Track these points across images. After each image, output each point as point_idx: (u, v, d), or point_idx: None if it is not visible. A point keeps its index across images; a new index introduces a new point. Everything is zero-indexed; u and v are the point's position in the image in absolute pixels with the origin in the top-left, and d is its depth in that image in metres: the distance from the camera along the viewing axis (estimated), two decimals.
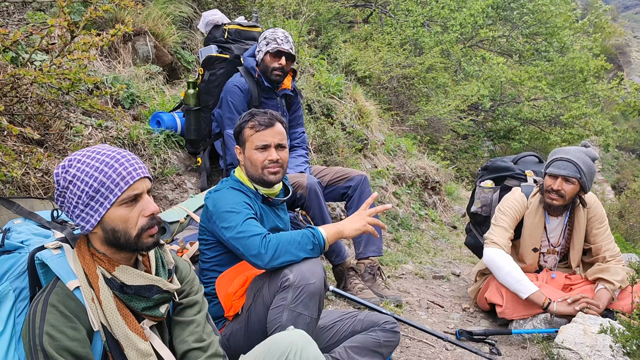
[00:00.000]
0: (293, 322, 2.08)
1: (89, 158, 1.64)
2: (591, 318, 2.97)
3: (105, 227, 1.64)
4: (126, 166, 1.63)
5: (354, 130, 6.35)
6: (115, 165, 1.62)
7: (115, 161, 1.63)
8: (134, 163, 1.66)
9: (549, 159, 3.44)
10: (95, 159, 1.64)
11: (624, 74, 16.87)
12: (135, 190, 1.64)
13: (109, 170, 1.61)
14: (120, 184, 1.62)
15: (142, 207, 1.66)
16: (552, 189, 3.32)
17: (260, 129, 2.44)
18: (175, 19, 5.22)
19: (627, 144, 22.70)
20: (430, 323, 3.53)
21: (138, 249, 1.68)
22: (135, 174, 1.64)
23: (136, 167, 1.66)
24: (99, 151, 1.66)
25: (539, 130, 14.15)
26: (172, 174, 3.86)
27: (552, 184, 3.32)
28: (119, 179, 1.61)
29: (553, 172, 3.31)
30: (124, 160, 1.64)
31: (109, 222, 1.64)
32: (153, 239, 1.69)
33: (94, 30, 2.52)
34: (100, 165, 1.62)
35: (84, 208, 1.63)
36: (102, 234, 1.66)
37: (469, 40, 13.33)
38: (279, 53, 3.59)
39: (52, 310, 1.57)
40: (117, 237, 1.65)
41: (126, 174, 1.63)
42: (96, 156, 1.64)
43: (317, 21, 8.82)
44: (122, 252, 1.69)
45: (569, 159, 3.28)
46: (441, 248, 5.97)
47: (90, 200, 1.62)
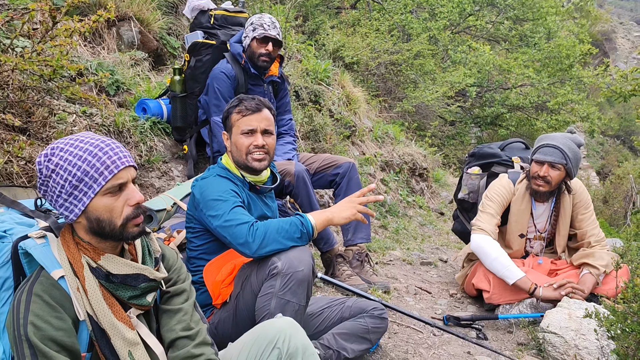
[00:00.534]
0: (281, 309, 2.08)
1: (72, 147, 1.61)
2: (576, 302, 3.01)
3: (90, 216, 1.62)
4: (110, 155, 1.61)
5: (342, 117, 6.33)
6: (99, 154, 1.60)
7: (99, 150, 1.60)
8: (118, 152, 1.63)
9: (535, 145, 3.45)
10: (78, 147, 1.60)
11: (610, 61, 16.98)
12: (119, 180, 1.61)
13: (92, 159, 1.59)
14: (104, 173, 1.59)
15: (127, 196, 1.63)
16: (539, 175, 3.34)
17: (247, 114, 2.42)
18: (160, 3, 5.14)
19: (611, 130, 22.91)
20: (418, 309, 3.55)
21: (123, 238, 1.66)
22: (120, 163, 1.61)
23: (120, 155, 1.63)
24: (82, 139, 1.63)
25: (525, 116, 14.23)
26: (159, 161, 3.82)
27: (539, 170, 3.34)
28: (103, 168, 1.59)
29: (539, 159, 3.33)
30: (108, 149, 1.61)
31: (93, 211, 1.61)
32: (138, 229, 1.67)
33: (76, 16, 2.47)
34: (84, 154, 1.59)
35: (68, 197, 1.61)
36: (87, 223, 1.63)
37: (456, 27, 13.32)
38: (265, 39, 3.55)
39: (36, 300, 1.56)
40: (101, 226, 1.62)
41: (110, 162, 1.60)
42: (79, 144, 1.61)
43: (304, 7, 8.74)
44: (107, 241, 1.67)
45: (555, 145, 3.30)
46: (428, 234, 6.00)
47: (73, 190, 1.59)
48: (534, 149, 3.43)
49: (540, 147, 3.36)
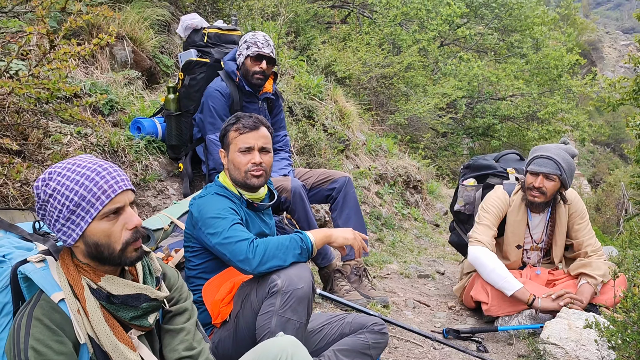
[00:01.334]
0: (282, 327, 2.07)
1: (69, 171, 1.60)
2: (575, 313, 3.02)
3: (88, 241, 1.61)
4: (107, 179, 1.60)
5: (336, 131, 6.36)
6: (96, 178, 1.59)
7: (96, 174, 1.60)
8: (115, 175, 1.62)
9: (529, 156, 3.48)
10: (75, 171, 1.60)
11: (598, 70, 17.18)
12: (117, 204, 1.61)
13: (89, 183, 1.58)
14: (101, 198, 1.58)
15: (125, 220, 1.62)
16: (534, 186, 3.36)
17: (245, 132, 2.43)
18: (153, 23, 5.16)
19: (602, 138, 23.12)
20: (417, 323, 3.55)
21: (122, 263, 1.65)
22: (117, 187, 1.61)
23: (118, 179, 1.62)
24: (79, 164, 1.63)
25: (516, 126, 14.35)
26: (154, 180, 3.82)
27: (534, 182, 3.37)
28: (100, 193, 1.58)
29: (534, 170, 3.36)
30: (105, 173, 1.61)
31: (91, 236, 1.61)
32: (137, 253, 1.66)
33: (73, 39, 2.48)
34: (81, 178, 1.59)
35: (65, 222, 1.60)
36: (85, 248, 1.63)
37: (445, 39, 13.46)
38: (259, 57, 3.57)
39: (37, 324, 1.54)
40: (100, 251, 1.62)
41: (107, 187, 1.59)
42: (77, 169, 1.61)
43: (295, 22, 8.80)
44: (105, 265, 1.67)
45: (549, 157, 3.33)
46: (425, 246, 6.01)
47: (71, 215, 1.59)
48: (528, 160, 3.46)
49: (535, 158, 3.38)
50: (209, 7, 6.18)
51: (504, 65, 13.90)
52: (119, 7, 4.92)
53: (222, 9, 6.34)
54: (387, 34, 10.54)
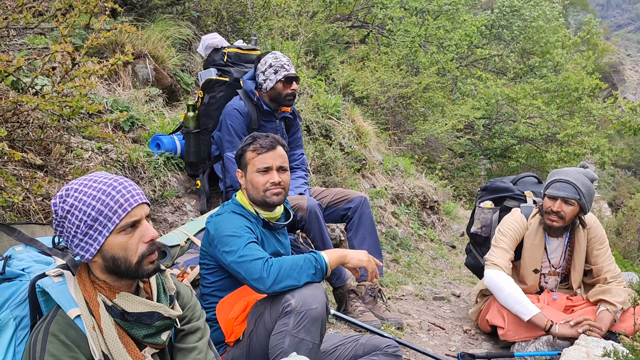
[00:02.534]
0: (295, 348, 2.06)
1: (86, 187, 1.64)
2: (594, 340, 2.96)
3: (105, 255, 1.64)
4: (123, 193, 1.63)
5: (352, 150, 6.37)
6: (113, 192, 1.62)
7: (112, 189, 1.63)
8: (131, 190, 1.66)
9: (547, 180, 3.44)
10: (92, 187, 1.64)
11: (618, 93, 17.03)
12: (133, 217, 1.64)
13: (106, 198, 1.62)
14: (118, 212, 1.61)
15: (142, 233, 1.65)
16: (552, 210, 3.33)
17: (262, 152, 2.45)
18: (175, 41, 5.26)
19: (622, 161, 22.80)
20: (431, 346, 3.50)
21: (139, 276, 1.67)
22: (133, 201, 1.64)
23: (133, 193, 1.66)
24: (95, 179, 1.66)
25: (535, 148, 14.22)
26: (172, 196, 3.86)
27: (552, 206, 3.33)
28: (117, 207, 1.61)
29: (552, 194, 3.32)
30: (120, 188, 1.64)
31: (108, 250, 1.63)
32: (154, 266, 1.68)
33: (95, 57, 2.54)
34: (98, 193, 1.62)
35: (83, 237, 1.63)
36: (102, 262, 1.65)
37: (465, 60, 13.47)
38: (289, 80, 3.64)
39: (52, 340, 1.56)
40: (117, 264, 1.64)
41: (124, 201, 1.63)
42: (93, 184, 1.64)
43: (314, 42, 8.90)
44: (122, 279, 1.68)
45: (568, 180, 3.29)
46: (440, 268, 5.95)
47: (88, 230, 1.62)
48: (546, 184, 3.42)
49: (553, 182, 3.35)
50: (229, 27, 6.28)
51: (523, 85, 13.83)
52: (143, 26, 5.02)
53: (242, 28, 6.44)
54: (405, 54, 10.58)
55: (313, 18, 8.39)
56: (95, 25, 2.74)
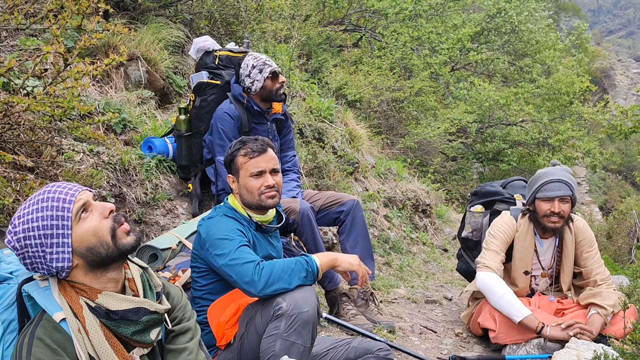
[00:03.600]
0: (286, 351, 2.06)
1: (26, 209, 1.64)
2: (584, 343, 2.97)
3: (80, 251, 1.63)
4: (60, 191, 1.64)
5: (345, 153, 6.38)
6: (51, 196, 1.63)
7: (48, 193, 1.63)
8: (65, 186, 1.66)
9: (534, 184, 3.42)
10: (31, 205, 1.64)
11: (609, 97, 17.17)
12: (80, 201, 1.63)
13: (48, 203, 1.62)
14: (65, 206, 1.61)
15: (98, 211, 1.65)
16: (552, 212, 3.33)
17: (254, 156, 2.45)
18: (168, 44, 5.25)
19: (613, 165, 22.96)
20: (423, 349, 3.51)
21: (123, 252, 1.66)
22: (72, 191, 1.64)
23: (70, 186, 1.66)
24: (30, 198, 1.66)
25: (527, 152, 14.30)
26: (164, 199, 3.84)
27: (551, 207, 3.32)
28: (62, 203, 1.61)
29: (549, 196, 3.31)
30: (54, 189, 1.65)
31: (79, 244, 1.62)
32: (133, 236, 1.68)
33: (87, 58, 2.53)
34: (39, 204, 1.62)
35: (52, 249, 1.61)
36: (83, 260, 1.64)
37: (457, 63, 13.53)
38: (275, 74, 3.65)
39: (38, 344, 1.55)
40: (97, 252, 1.63)
41: (64, 195, 1.63)
42: (30, 203, 1.64)
43: (307, 45, 8.91)
44: (110, 269, 1.67)
45: (560, 179, 3.31)
46: (433, 271, 5.96)
47: (51, 239, 1.61)
48: (535, 188, 3.40)
49: (544, 184, 3.35)
50: (222, 30, 6.28)
51: (514, 89, 13.91)
52: (135, 28, 5.01)
53: (235, 31, 6.44)
54: (398, 57, 10.62)
55: (306, 21, 8.41)
56: (88, 27, 2.73)
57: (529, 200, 3.46)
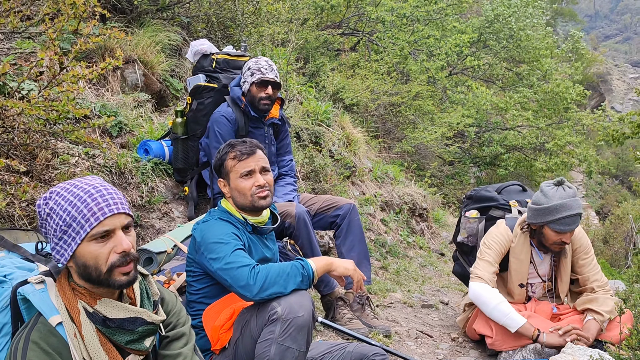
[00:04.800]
0: (281, 356, 2.05)
1: (66, 191, 1.62)
2: (580, 349, 2.97)
3: (77, 261, 1.62)
4: (98, 202, 1.60)
5: (342, 157, 6.38)
6: (88, 200, 1.60)
7: (89, 196, 1.61)
8: (108, 199, 1.62)
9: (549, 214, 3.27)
10: (71, 192, 1.62)
11: (606, 103, 17.23)
12: (105, 227, 1.60)
13: (80, 204, 1.59)
14: (90, 220, 1.59)
15: (115, 243, 1.61)
16: (562, 242, 3.33)
17: (243, 158, 2.44)
18: (165, 47, 5.25)
19: (610, 170, 23.04)
20: (419, 354, 3.50)
21: (110, 286, 1.63)
22: (108, 210, 1.60)
23: (110, 202, 1.62)
24: (77, 185, 1.64)
25: (524, 156, 14.33)
26: (160, 202, 3.83)
27: (562, 238, 3.31)
28: (90, 215, 1.59)
29: (564, 230, 3.28)
30: (97, 195, 1.61)
31: (80, 257, 1.61)
32: (127, 277, 1.63)
33: (83, 62, 2.53)
34: (74, 199, 1.60)
35: (58, 241, 1.62)
36: (76, 268, 1.63)
37: (454, 68, 13.56)
38: (264, 83, 3.60)
39: (33, 348, 1.54)
40: (88, 272, 1.61)
41: (97, 209, 1.59)
42: (73, 189, 1.62)
43: (304, 49, 8.92)
44: (98, 287, 1.66)
45: (577, 214, 3.27)
46: (429, 276, 5.96)
47: (63, 234, 1.60)
48: (550, 219, 3.26)
49: (562, 219, 3.25)
50: (219, 33, 6.28)
51: (511, 94, 13.94)
52: (132, 32, 5.00)
53: (232, 34, 6.44)
54: (395, 62, 10.63)
55: (304, 25, 8.42)
56: (84, 30, 2.72)
57: (537, 223, 3.36)
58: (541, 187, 3.39)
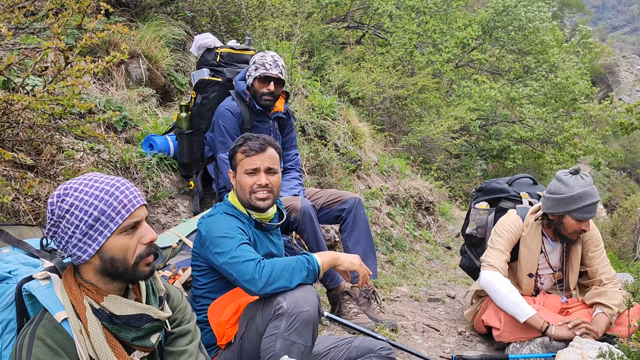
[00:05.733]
0: (287, 351, 2.04)
1: (88, 187, 1.61)
2: (588, 342, 2.94)
3: (104, 256, 1.61)
4: (127, 194, 1.62)
5: (348, 151, 6.36)
6: (116, 193, 1.61)
7: (116, 189, 1.61)
8: (133, 191, 1.65)
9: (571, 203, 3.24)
10: (94, 187, 1.61)
11: (614, 94, 17.09)
12: (135, 218, 1.62)
13: (109, 198, 1.59)
14: (121, 212, 1.60)
15: (141, 234, 1.64)
16: (583, 230, 3.32)
17: (251, 154, 2.43)
18: (169, 41, 5.23)
19: (618, 162, 22.89)
20: (426, 348, 3.49)
21: (135, 278, 1.65)
22: (136, 202, 1.63)
23: (135, 194, 1.65)
24: (96, 179, 1.64)
25: (531, 149, 14.24)
26: (165, 197, 3.83)
27: (583, 226, 3.30)
28: (120, 207, 1.60)
29: (586, 217, 3.27)
30: (124, 188, 1.63)
31: (108, 250, 1.60)
32: (149, 268, 1.67)
33: (88, 56, 2.52)
34: (100, 193, 1.60)
35: (82, 237, 1.59)
36: (100, 263, 1.62)
37: (460, 60, 13.48)
38: (267, 78, 3.58)
39: (38, 344, 1.53)
40: (115, 266, 1.61)
41: (127, 201, 1.61)
42: (94, 184, 1.62)
43: (309, 43, 8.88)
44: (116, 281, 1.66)
45: (596, 201, 3.27)
46: (436, 269, 5.94)
47: (89, 229, 1.59)
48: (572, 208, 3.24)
49: (585, 207, 3.25)
50: (223, 27, 6.25)
51: (517, 86, 13.83)
52: (136, 26, 4.99)
53: (237, 28, 6.41)
54: (401, 55, 10.57)
55: (308, 19, 8.38)
56: (89, 25, 2.71)
57: (558, 213, 3.32)
58: (558, 176, 3.36)
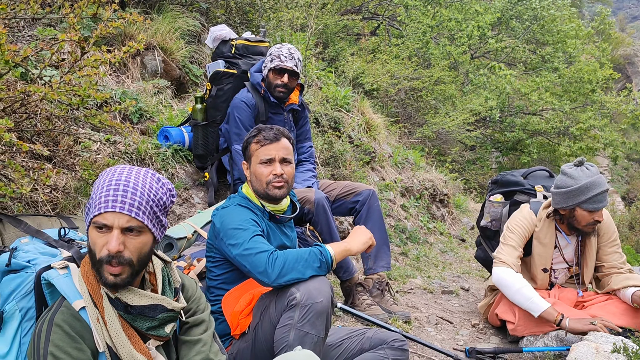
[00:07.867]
0: (300, 341, 2.05)
1: (105, 173, 1.69)
2: (603, 336, 2.92)
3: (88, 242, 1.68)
4: (108, 194, 1.62)
5: (362, 143, 6.34)
6: (103, 188, 1.64)
7: (107, 185, 1.64)
8: (119, 195, 1.62)
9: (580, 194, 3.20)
10: (103, 176, 1.69)
11: (633, 85, 16.79)
12: (104, 220, 1.62)
13: (97, 190, 1.65)
14: (95, 208, 1.63)
15: (107, 240, 1.62)
16: (596, 220, 3.28)
17: (266, 144, 2.44)
18: (184, 33, 5.24)
19: (636, 154, 22.54)
20: (439, 340, 3.48)
21: (101, 278, 1.63)
22: (110, 206, 1.61)
23: (118, 200, 1.62)
24: (114, 172, 1.69)
25: (547, 141, 14.07)
26: (180, 188, 3.86)
27: (595, 216, 3.26)
28: (97, 202, 1.63)
29: (597, 208, 3.23)
30: (112, 188, 1.63)
31: (89, 238, 1.67)
32: (113, 279, 1.62)
33: (104, 46, 2.53)
34: (99, 183, 1.67)
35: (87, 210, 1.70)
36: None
37: (477, 51, 13.33)
38: (281, 70, 3.58)
39: (57, 330, 1.57)
40: (91, 255, 1.66)
41: (103, 201, 1.62)
42: (106, 175, 1.68)
43: (324, 34, 8.84)
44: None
45: (606, 190, 3.24)
46: (450, 262, 5.92)
47: (89, 206, 1.68)
48: (583, 199, 3.20)
49: (595, 197, 3.21)
50: (238, 19, 6.25)
51: (535, 78, 13.65)
52: (151, 18, 5.01)
53: (251, 20, 6.40)
54: (417, 47, 10.48)
55: (323, 10, 8.33)
56: (104, 15, 2.73)
57: (568, 207, 3.28)
58: (563, 170, 3.32)
